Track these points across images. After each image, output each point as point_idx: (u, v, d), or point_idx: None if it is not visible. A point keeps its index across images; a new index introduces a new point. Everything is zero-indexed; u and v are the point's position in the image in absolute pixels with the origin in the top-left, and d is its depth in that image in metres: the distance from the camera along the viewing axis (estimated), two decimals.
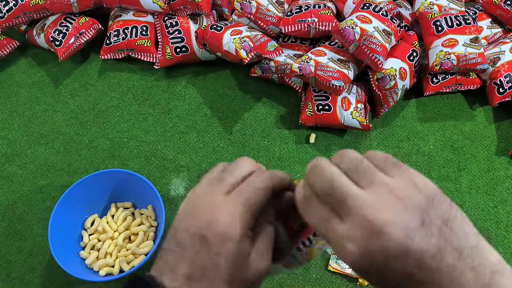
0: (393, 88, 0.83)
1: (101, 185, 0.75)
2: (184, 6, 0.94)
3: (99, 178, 0.74)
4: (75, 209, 0.73)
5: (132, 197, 0.77)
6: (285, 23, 0.90)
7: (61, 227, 0.70)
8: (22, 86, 0.97)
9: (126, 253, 0.71)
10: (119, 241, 0.71)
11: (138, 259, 0.70)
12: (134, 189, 0.75)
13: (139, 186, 0.74)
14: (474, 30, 0.87)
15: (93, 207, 0.76)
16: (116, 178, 0.75)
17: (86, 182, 0.73)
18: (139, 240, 0.71)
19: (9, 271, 0.73)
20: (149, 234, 0.73)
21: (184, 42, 0.93)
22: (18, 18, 0.95)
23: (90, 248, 0.73)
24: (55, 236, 0.68)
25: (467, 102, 0.92)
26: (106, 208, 0.77)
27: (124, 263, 0.69)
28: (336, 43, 0.87)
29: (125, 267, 0.69)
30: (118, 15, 0.97)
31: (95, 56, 1.00)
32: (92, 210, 0.76)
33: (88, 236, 0.74)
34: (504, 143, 0.86)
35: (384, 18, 0.84)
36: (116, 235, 0.73)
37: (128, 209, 0.76)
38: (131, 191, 0.76)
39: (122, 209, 0.76)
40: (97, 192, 0.75)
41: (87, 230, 0.74)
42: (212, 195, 0.29)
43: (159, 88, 0.95)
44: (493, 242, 0.74)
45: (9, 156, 0.86)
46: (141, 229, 0.73)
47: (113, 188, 0.76)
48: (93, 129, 0.89)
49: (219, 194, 0.28)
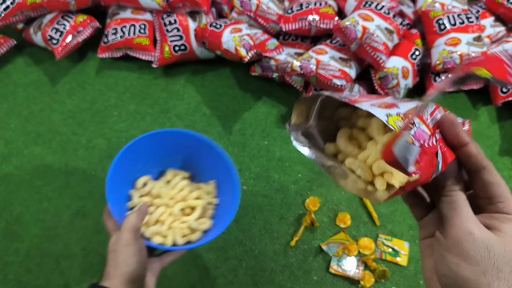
0: (396, 87, 0.82)
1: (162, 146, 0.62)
2: (183, 4, 0.92)
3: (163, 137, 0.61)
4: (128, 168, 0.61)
5: (194, 167, 0.65)
6: (285, 21, 0.89)
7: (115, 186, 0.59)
8: (19, 85, 0.95)
9: (182, 225, 0.60)
10: (175, 210, 0.61)
11: (194, 235, 0.60)
12: (199, 158, 0.64)
13: (207, 156, 0.62)
14: (477, 28, 0.86)
15: (146, 169, 0.64)
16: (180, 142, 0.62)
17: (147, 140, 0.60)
18: (197, 215, 0.61)
19: (6, 273, 0.72)
20: (208, 211, 0.62)
21: (183, 41, 0.92)
22: (15, 16, 0.93)
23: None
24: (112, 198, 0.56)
25: (470, 101, 0.91)
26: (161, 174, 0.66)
27: (178, 235, 0.59)
28: (338, 42, 0.86)
29: (179, 241, 0.59)
30: (116, 13, 0.96)
31: (93, 54, 0.99)
32: (144, 172, 0.64)
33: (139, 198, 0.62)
34: (508, 143, 0.85)
35: (386, 16, 0.83)
36: (171, 203, 0.62)
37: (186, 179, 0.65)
38: (195, 159, 0.64)
39: (180, 177, 0.64)
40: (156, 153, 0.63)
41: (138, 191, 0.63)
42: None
43: (157, 87, 0.94)
44: None
45: (5, 156, 0.85)
46: (200, 203, 0.62)
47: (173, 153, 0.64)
48: (90, 128, 0.88)
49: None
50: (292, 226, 0.76)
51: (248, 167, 0.83)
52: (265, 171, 0.82)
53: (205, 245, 0.73)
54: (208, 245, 0.74)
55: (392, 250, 0.72)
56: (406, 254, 0.72)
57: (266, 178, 0.81)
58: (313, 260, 0.72)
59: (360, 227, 0.75)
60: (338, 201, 0.78)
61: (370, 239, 0.73)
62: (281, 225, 0.76)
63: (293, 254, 0.73)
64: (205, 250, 0.73)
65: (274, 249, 0.73)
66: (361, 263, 0.71)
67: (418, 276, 0.71)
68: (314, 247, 0.74)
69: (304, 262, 0.72)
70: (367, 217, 0.76)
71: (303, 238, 0.74)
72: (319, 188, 0.80)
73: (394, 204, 0.78)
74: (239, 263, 0.72)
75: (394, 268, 0.71)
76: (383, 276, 0.70)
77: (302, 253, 0.73)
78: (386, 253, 0.72)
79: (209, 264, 0.72)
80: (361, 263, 0.71)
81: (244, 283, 0.71)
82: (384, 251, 0.72)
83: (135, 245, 0.48)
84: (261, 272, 0.71)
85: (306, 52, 0.85)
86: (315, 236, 0.75)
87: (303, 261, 0.72)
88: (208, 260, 0.73)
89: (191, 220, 0.60)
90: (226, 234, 0.75)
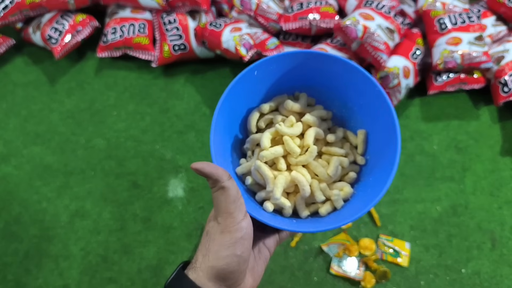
0: (396, 87, 0.82)
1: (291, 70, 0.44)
2: (183, 3, 0.92)
3: (294, 58, 0.43)
4: (242, 100, 0.44)
5: (336, 106, 0.47)
6: (286, 20, 0.88)
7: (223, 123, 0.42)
8: (18, 85, 0.95)
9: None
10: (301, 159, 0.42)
11: (324, 206, 0.42)
12: (347, 94, 0.44)
13: (357, 91, 0.43)
14: (478, 28, 0.86)
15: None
16: (320, 68, 0.44)
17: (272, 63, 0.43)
18: (332, 171, 0.42)
19: (5, 273, 0.72)
20: (349, 172, 0.44)
21: (182, 40, 0.92)
22: (14, 15, 0.93)
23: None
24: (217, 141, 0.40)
25: (472, 101, 0.91)
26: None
27: (302, 205, 0.42)
28: (338, 41, 0.86)
29: (303, 212, 0.42)
30: (115, 12, 0.96)
31: (92, 54, 0.99)
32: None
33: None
34: (509, 143, 0.84)
35: (387, 16, 0.82)
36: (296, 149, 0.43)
37: (325, 122, 0.46)
38: (337, 93, 0.45)
39: (315, 118, 0.44)
40: (280, 81, 0.45)
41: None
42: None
43: (156, 86, 0.94)
44: (497, 244, 0.73)
45: (4, 156, 0.85)
46: (339, 152, 0.43)
47: (308, 81, 0.45)
48: (89, 128, 0.88)
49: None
50: None
51: None
52: None
53: None
54: None
55: (393, 250, 0.72)
56: (407, 255, 0.72)
57: None
58: (313, 261, 0.72)
59: (361, 228, 0.75)
60: None
61: (371, 240, 0.73)
62: None
63: (294, 255, 0.73)
64: None
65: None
66: (361, 263, 0.71)
67: (419, 277, 0.70)
68: (315, 247, 0.73)
69: (304, 262, 0.72)
70: (367, 217, 0.76)
71: (303, 238, 0.74)
72: None
73: (395, 205, 0.77)
74: None
75: (395, 269, 0.71)
76: (384, 276, 0.70)
77: (302, 253, 0.73)
78: (387, 253, 0.72)
79: None
80: (362, 264, 0.71)
81: None
82: (385, 252, 0.72)
83: (233, 233, 0.35)
84: None
85: None
86: (316, 237, 0.74)
87: (304, 261, 0.72)
88: None
89: (325, 177, 0.41)
90: None
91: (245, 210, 0.36)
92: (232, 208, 0.35)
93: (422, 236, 0.74)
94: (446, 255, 0.72)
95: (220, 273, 0.35)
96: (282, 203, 0.41)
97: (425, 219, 0.76)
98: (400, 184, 0.79)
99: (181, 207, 0.78)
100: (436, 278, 0.70)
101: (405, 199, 0.78)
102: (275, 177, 0.41)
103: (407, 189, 0.79)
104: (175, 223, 0.76)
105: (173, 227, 0.76)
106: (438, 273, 0.70)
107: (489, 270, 0.71)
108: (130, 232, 0.75)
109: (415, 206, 0.77)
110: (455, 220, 0.75)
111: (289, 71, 0.44)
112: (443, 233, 0.74)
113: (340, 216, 0.39)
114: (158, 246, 0.74)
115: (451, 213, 0.76)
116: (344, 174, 0.44)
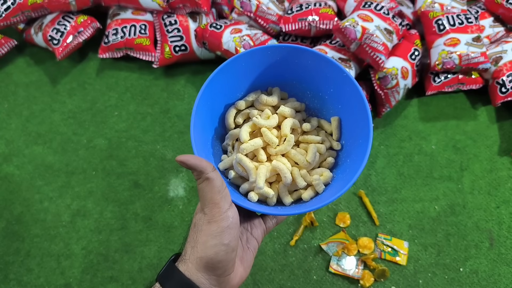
0: (395, 88, 0.83)
1: (265, 64, 0.46)
2: (183, 4, 0.93)
3: (265, 54, 0.45)
4: (220, 96, 0.46)
5: (308, 98, 0.48)
6: (285, 21, 0.89)
7: (202, 121, 0.44)
8: (20, 85, 0.96)
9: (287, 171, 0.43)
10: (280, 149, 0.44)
11: (306, 192, 0.43)
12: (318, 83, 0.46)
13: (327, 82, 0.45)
14: (476, 29, 0.86)
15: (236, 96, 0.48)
16: (290, 60, 0.45)
17: (244, 59, 0.45)
18: (310, 158, 0.43)
19: (7, 272, 0.73)
20: (327, 158, 0.45)
21: (183, 41, 0.92)
22: (16, 16, 0.94)
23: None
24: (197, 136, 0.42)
25: (469, 101, 0.91)
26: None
27: (284, 192, 0.43)
28: (337, 42, 0.86)
29: (286, 199, 0.43)
30: (117, 13, 0.96)
31: (93, 55, 0.99)
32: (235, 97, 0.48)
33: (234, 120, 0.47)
34: (507, 143, 0.85)
35: (386, 17, 0.83)
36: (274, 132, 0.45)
37: (299, 113, 0.48)
38: (311, 84, 0.47)
39: (290, 109, 0.46)
40: (255, 74, 0.47)
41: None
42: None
43: (157, 87, 0.95)
44: (495, 243, 0.74)
45: (6, 156, 0.85)
46: (316, 140, 0.45)
47: (283, 76, 0.47)
48: (91, 128, 0.89)
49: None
50: (292, 225, 0.76)
51: None
52: None
53: None
54: None
55: (391, 249, 0.73)
56: (405, 254, 0.72)
57: None
58: (312, 260, 0.73)
59: (360, 227, 0.76)
60: (338, 200, 0.78)
61: (369, 239, 0.74)
62: (280, 225, 0.76)
63: (293, 254, 0.73)
64: None
65: (274, 248, 0.74)
66: (360, 262, 0.72)
67: (418, 276, 0.71)
68: (314, 246, 0.74)
69: (304, 261, 0.72)
70: (366, 216, 0.77)
71: (302, 237, 0.75)
72: None
73: (393, 204, 0.78)
74: None
75: (393, 268, 0.72)
76: (383, 275, 0.70)
77: (301, 252, 0.73)
78: (386, 252, 0.72)
79: None
80: (361, 263, 0.72)
81: (244, 283, 0.71)
82: (384, 251, 0.72)
83: (220, 222, 0.35)
84: (261, 271, 0.72)
85: None
86: (315, 236, 0.75)
87: (303, 260, 0.73)
88: None
89: (304, 164, 0.42)
90: None
91: (230, 200, 0.37)
92: (217, 199, 0.35)
93: (421, 235, 0.75)
94: (444, 254, 0.73)
95: (209, 262, 0.35)
96: (266, 192, 0.42)
97: (424, 218, 0.76)
98: (399, 184, 0.80)
99: (181, 207, 0.78)
100: (435, 277, 0.71)
101: (404, 199, 0.78)
102: (256, 168, 0.42)
103: (405, 188, 0.80)
104: (176, 222, 0.77)
105: (174, 226, 0.76)
106: (437, 272, 0.71)
107: (487, 269, 0.71)
108: (131, 231, 0.76)
109: (414, 205, 0.78)
110: (453, 220, 0.76)
111: (260, 67, 0.46)
112: (441, 232, 0.75)
113: (322, 198, 0.41)
114: (159, 245, 0.75)
115: (449, 212, 0.77)
116: (322, 160, 0.45)
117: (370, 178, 0.81)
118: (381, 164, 0.83)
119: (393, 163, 0.83)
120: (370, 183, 0.80)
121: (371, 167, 0.82)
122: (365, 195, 0.78)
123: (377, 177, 0.81)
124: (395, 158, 0.84)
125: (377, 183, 0.80)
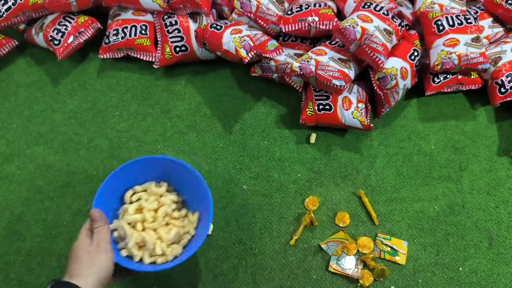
0: (394, 88, 0.83)
1: (149, 172, 0.65)
2: (184, 5, 0.93)
3: (149, 163, 0.65)
4: (113, 197, 0.65)
5: (187, 193, 0.67)
6: (285, 22, 0.89)
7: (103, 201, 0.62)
8: (21, 86, 0.96)
9: (154, 240, 0.61)
10: (153, 224, 0.62)
11: (161, 258, 0.60)
12: (187, 185, 0.65)
13: (190, 184, 0.64)
14: (475, 29, 0.87)
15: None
16: (166, 167, 0.65)
17: (135, 166, 0.64)
18: (172, 236, 0.61)
19: (8, 272, 0.73)
20: (184, 239, 0.63)
21: (183, 41, 0.93)
22: (17, 17, 0.94)
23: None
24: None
25: (469, 102, 0.92)
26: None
27: (147, 254, 0.60)
28: (337, 42, 0.87)
29: (146, 259, 0.60)
30: (117, 14, 0.97)
31: (94, 55, 1.00)
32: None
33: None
34: (506, 143, 0.85)
35: (385, 17, 0.83)
36: (151, 215, 0.63)
37: (176, 204, 0.66)
38: (184, 186, 0.66)
39: (170, 199, 0.65)
40: (143, 179, 0.66)
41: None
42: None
43: (158, 87, 0.95)
44: (494, 243, 0.74)
45: (7, 156, 0.86)
46: (179, 225, 0.63)
47: (166, 178, 0.67)
48: (92, 128, 0.89)
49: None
50: (292, 225, 0.76)
51: (248, 167, 0.83)
52: (265, 171, 0.83)
53: (204, 244, 0.74)
54: (208, 244, 0.74)
55: (391, 249, 0.73)
56: (404, 253, 0.73)
57: (266, 178, 0.82)
58: (312, 259, 0.73)
59: (359, 226, 0.76)
60: (337, 200, 0.79)
61: (369, 238, 0.74)
62: (280, 224, 0.76)
63: (293, 253, 0.73)
64: (206, 249, 0.74)
65: (274, 248, 0.74)
66: (360, 262, 0.72)
67: (417, 275, 0.71)
68: (314, 246, 0.74)
69: (303, 261, 0.73)
70: (366, 216, 0.77)
71: (302, 237, 0.75)
72: (319, 187, 0.80)
73: (392, 204, 0.78)
74: (239, 262, 0.73)
75: (393, 267, 0.72)
76: (382, 275, 0.70)
77: (301, 252, 0.74)
78: (385, 252, 0.73)
79: (209, 263, 0.73)
80: (360, 262, 0.72)
81: (244, 282, 0.71)
82: (383, 250, 0.73)
83: (111, 252, 0.54)
84: (261, 270, 0.72)
85: (305, 53, 0.86)
86: (315, 235, 0.75)
87: (303, 260, 0.73)
88: (209, 259, 0.73)
89: (165, 239, 0.62)
90: (226, 233, 0.76)
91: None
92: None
93: (420, 235, 0.75)
94: (443, 254, 0.73)
95: (103, 279, 0.51)
96: (132, 252, 0.59)
97: (423, 218, 0.77)
98: (398, 184, 0.81)
99: None
100: (434, 277, 0.71)
101: (403, 198, 0.79)
102: (131, 234, 0.60)
103: (404, 188, 0.80)
104: None
105: None
106: (436, 272, 0.71)
107: (486, 269, 0.71)
108: None
109: (413, 205, 0.78)
110: (453, 219, 0.76)
111: (154, 168, 0.66)
112: (441, 232, 0.75)
113: (169, 264, 0.59)
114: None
115: (449, 212, 0.77)
116: (180, 239, 0.63)
117: (369, 178, 0.81)
118: (381, 164, 0.83)
119: (392, 163, 0.83)
120: (370, 183, 0.81)
121: (371, 167, 0.83)
122: (365, 195, 0.78)
123: (376, 177, 0.81)
124: (394, 158, 0.84)
125: (376, 183, 0.81)
